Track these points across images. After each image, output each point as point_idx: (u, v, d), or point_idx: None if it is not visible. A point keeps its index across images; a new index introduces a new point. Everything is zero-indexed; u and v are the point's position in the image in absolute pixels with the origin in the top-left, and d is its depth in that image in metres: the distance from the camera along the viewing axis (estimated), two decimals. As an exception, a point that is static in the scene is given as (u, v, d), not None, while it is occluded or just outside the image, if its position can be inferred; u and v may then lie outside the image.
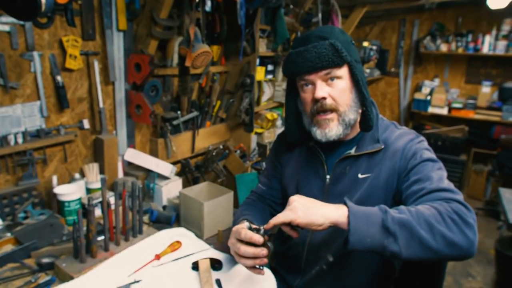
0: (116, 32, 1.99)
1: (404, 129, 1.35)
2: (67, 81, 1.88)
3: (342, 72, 1.22)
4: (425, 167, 1.19)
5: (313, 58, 1.19)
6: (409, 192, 1.18)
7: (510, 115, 4.82)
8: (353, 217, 1.00)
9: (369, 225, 0.99)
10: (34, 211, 1.74)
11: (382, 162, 1.27)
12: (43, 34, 1.74)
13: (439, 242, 0.97)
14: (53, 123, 1.87)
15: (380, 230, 0.98)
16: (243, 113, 2.74)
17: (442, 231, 0.97)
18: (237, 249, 1.14)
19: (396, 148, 1.27)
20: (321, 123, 1.26)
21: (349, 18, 4.24)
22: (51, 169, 1.89)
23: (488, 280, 3.42)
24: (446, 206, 1.03)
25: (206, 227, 1.77)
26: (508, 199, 2.11)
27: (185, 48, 2.12)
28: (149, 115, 2.09)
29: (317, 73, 1.22)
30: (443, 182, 1.13)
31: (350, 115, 1.25)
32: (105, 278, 1.29)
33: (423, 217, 0.99)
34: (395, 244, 0.98)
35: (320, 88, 1.22)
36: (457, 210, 1.01)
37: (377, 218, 1.00)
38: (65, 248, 1.50)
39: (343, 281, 1.38)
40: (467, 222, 1.00)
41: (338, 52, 1.18)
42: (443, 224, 0.98)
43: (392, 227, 0.98)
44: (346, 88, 1.24)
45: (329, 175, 1.36)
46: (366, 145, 1.31)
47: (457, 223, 0.99)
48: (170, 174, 2.15)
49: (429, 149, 1.27)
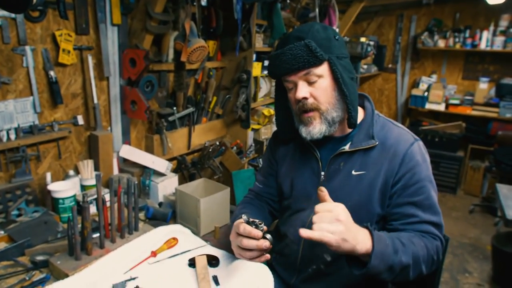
0: (110, 26, 1.96)
1: (402, 127, 1.35)
2: (60, 76, 1.85)
3: (322, 70, 1.22)
4: (423, 190, 1.25)
5: (290, 60, 1.20)
6: (401, 211, 1.25)
7: (507, 111, 4.83)
8: (374, 257, 1.06)
9: (381, 264, 1.07)
10: (28, 209, 1.71)
11: (381, 162, 1.26)
12: (35, 28, 1.71)
13: (415, 276, 1.15)
14: (47, 119, 1.84)
15: (385, 268, 1.09)
16: (240, 109, 2.72)
17: (422, 271, 1.16)
18: (239, 242, 1.16)
19: (396, 151, 1.26)
20: (305, 121, 1.28)
21: (346, 13, 4.22)
22: (45, 166, 1.86)
23: (484, 276, 3.43)
24: (433, 246, 1.19)
25: (203, 224, 1.75)
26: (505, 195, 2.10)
27: (181, 43, 2.09)
28: (144, 111, 2.07)
29: (296, 74, 1.22)
30: (434, 213, 1.24)
31: (333, 113, 1.26)
32: (100, 275, 1.27)
33: (418, 259, 1.14)
34: (389, 277, 1.12)
35: (301, 89, 1.23)
36: (438, 250, 1.20)
37: (389, 259, 1.09)
38: (59, 245, 1.49)
39: (341, 280, 1.37)
40: (438, 259, 1.22)
41: (312, 52, 1.18)
42: (426, 263, 1.17)
43: (395, 268, 1.10)
44: (327, 87, 1.24)
45: (324, 171, 1.35)
46: (360, 141, 1.30)
47: (433, 263, 1.19)
48: (166, 171, 2.13)
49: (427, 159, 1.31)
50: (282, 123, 1.43)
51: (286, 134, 1.44)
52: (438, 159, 5.14)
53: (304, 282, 1.42)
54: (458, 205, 4.92)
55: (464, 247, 3.92)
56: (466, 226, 4.37)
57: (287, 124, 1.41)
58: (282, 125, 1.44)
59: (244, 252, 1.18)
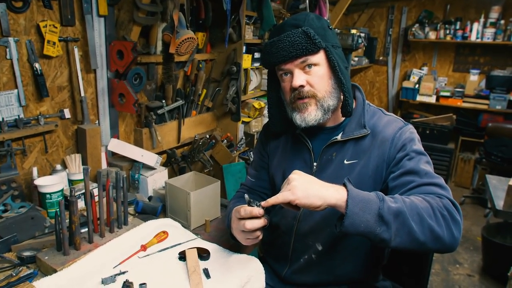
0: (97, 17, 1.92)
1: (392, 115, 1.36)
2: (45, 69, 1.81)
3: (319, 58, 1.22)
4: (415, 159, 1.20)
5: (287, 47, 1.19)
6: (397, 183, 1.19)
7: (497, 103, 4.87)
8: (351, 201, 1.00)
9: (365, 211, 1.00)
10: (14, 204, 1.68)
11: (370, 150, 1.27)
12: (18, 19, 1.66)
13: (426, 235, 1.01)
14: (32, 113, 1.80)
15: (375, 218, 1.00)
16: (230, 101, 2.69)
17: (431, 225, 1.01)
18: (242, 226, 1.16)
19: (385, 136, 1.26)
20: (300, 107, 1.27)
21: (337, 5, 4.21)
22: (31, 161, 1.83)
23: (475, 267, 3.47)
24: (438, 201, 1.06)
25: (193, 217, 1.73)
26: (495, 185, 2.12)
27: (169, 34, 2.06)
28: (132, 104, 2.04)
29: (293, 62, 1.22)
30: (433, 177, 1.16)
31: (329, 101, 1.26)
32: (89, 270, 1.26)
33: (416, 209, 1.02)
34: (387, 232, 1.00)
35: (298, 76, 1.23)
36: (448, 207, 1.05)
37: (374, 205, 1.00)
38: (47, 241, 1.46)
39: (332, 269, 1.38)
40: (455, 220, 1.04)
41: (311, 39, 1.18)
42: (434, 218, 1.02)
43: (387, 216, 0.99)
44: (324, 75, 1.24)
45: (316, 162, 1.35)
46: (352, 130, 1.30)
47: (446, 219, 1.03)
48: (155, 164, 2.10)
49: (417, 139, 1.28)
50: (275, 115, 1.43)
51: (278, 127, 1.44)
52: (429, 151, 5.11)
53: (295, 273, 1.42)
54: (449, 197, 4.95)
55: (455, 238, 3.95)
56: (456, 217, 4.41)
57: (279, 117, 1.40)
58: (274, 117, 1.43)
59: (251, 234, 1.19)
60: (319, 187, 1.05)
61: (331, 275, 1.38)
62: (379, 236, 1.00)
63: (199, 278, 1.22)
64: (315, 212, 1.31)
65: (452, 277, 3.30)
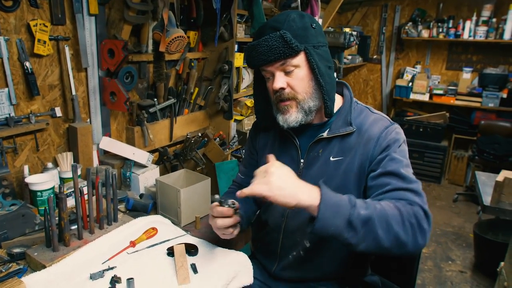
0: (87, 16, 1.93)
1: (379, 114, 1.36)
2: (36, 68, 1.82)
3: (298, 60, 1.23)
4: (396, 161, 1.20)
5: (265, 51, 1.21)
6: (375, 183, 1.21)
7: (490, 101, 4.90)
8: (324, 206, 1.02)
9: (336, 217, 1.02)
10: (5, 202, 1.69)
11: (356, 147, 1.28)
12: (8, 18, 1.67)
13: (392, 242, 1.04)
14: (23, 111, 1.81)
15: (344, 223, 1.02)
16: (222, 100, 2.71)
17: (397, 233, 1.03)
18: (214, 224, 1.25)
19: (370, 135, 1.27)
20: (282, 109, 1.30)
21: (330, 3, 4.22)
22: (22, 159, 1.84)
23: (467, 263, 3.50)
24: (408, 208, 1.07)
25: (184, 214, 1.75)
26: (484, 182, 2.14)
27: (159, 33, 2.07)
28: (124, 102, 2.05)
29: (272, 65, 1.24)
30: (410, 182, 1.16)
31: (310, 102, 1.27)
32: (78, 265, 1.28)
33: (385, 216, 1.04)
34: (354, 238, 1.03)
35: (278, 79, 1.25)
36: (417, 215, 1.07)
37: (345, 211, 1.02)
38: (37, 237, 1.48)
39: (320, 266, 1.40)
40: (422, 228, 1.06)
41: (287, 43, 1.18)
42: (402, 226, 1.04)
43: (356, 222, 1.02)
44: (304, 77, 1.25)
45: (303, 159, 1.37)
46: (338, 127, 1.31)
47: (413, 227, 1.05)
48: (147, 162, 2.12)
49: (403, 140, 1.28)
50: (261, 111, 1.46)
51: (265, 122, 1.47)
52: (423, 149, 5.20)
53: (284, 269, 1.44)
54: (442, 194, 5.00)
55: (448, 236, 3.99)
56: (449, 215, 4.45)
57: (266, 112, 1.42)
58: (260, 113, 1.47)
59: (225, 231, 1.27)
60: (295, 187, 1.05)
61: (319, 271, 1.40)
62: (347, 241, 1.03)
63: (186, 273, 1.23)
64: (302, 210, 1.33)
65: (445, 274, 3.33)
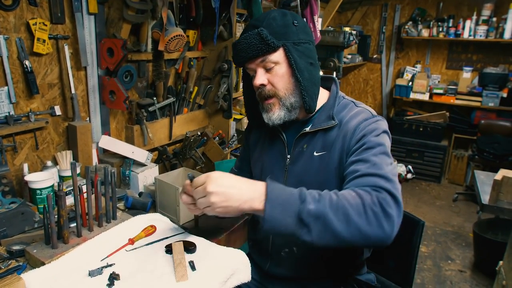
0: (87, 15, 1.94)
1: (362, 107, 1.34)
2: (36, 66, 1.83)
3: (277, 57, 1.25)
4: (369, 150, 1.17)
5: (245, 48, 1.24)
6: (347, 171, 1.17)
7: (490, 100, 4.90)
8: (270, 205, 0.99)
9: (285, 215, 0.98)
10: (5, 200, 1.70)
11: (335, 141, 1.28)
12: (8, 17, 1.68)
13: (353, 234, 0.97)
14: (23, 110, 1.82)
15: (294, 221, 0.98)
16: (221, 99, 2.72)
17: (358, 224, 0.97)
18: (181, 198, 1.26)
19: (349, 127, 1.27)
20: (266, 108, 1.32)
21: (330, 2, 4.23)
22: (22, 157, 1.85)
23: (466, 263, 3.50)
24: (372, 196, 1.01)
25: (182, 213, 1.76)
26: (482, 181, 2.15)
27: (158, 31, 2.08)
28: (123, 101, 2.06)
29: (253, 62, 1.26)
30: (380, 168, 1.10)
31: (291, 98, 1.29)
32: (77, 262, 1.28)
33: (342, 208, 0.98)
34: (308, 235, 0.98)
35: (259, 76, 1.27)
36: (382, 201, 0.99)
37: (294, 208, 0.98)
38: (36, 235, 1.49)
39: (312, 263, 1.40)
40: (388, 215, 0.98)
41: (264, 40, 1.21)
42: (363, 216, 0.97)
43: (306, 219, 0.97)
44: (284, 73, 1.27)
45: (290, 154, 1.39)
46: (321, 122, 1.33)
47: (377, 216, 0.98)
48: (146, 161, 2.12)
49: (383, 131, 1.24)
50: (250, 108, 1.48)
51: (255, 120, 1.48)
52: (423, 148, 5.21)
53: (277, 267, 1.46)
54: (442, 194, 5.00)
55: (447, 235, 3.99)
56: (449, 215, 4.45)
57: (255, 110, 1.44)
58: (250, 111, 1.50)
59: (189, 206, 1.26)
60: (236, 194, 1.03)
61: (310, 268, 1.41)
62: (301, 238, 0.99)
63: (184, 270, 1.24)
64: None
65: (444, 273, 3.34)
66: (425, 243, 3.80)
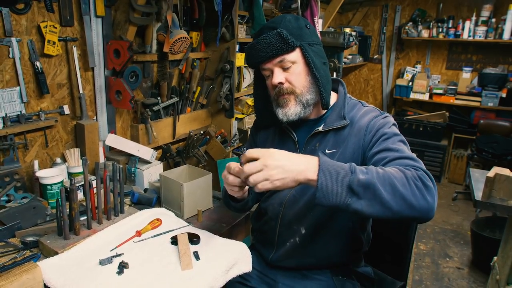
0: (94, 18, 2.02)
1: (370, 107, 1.45)
2: (46, 67, 1.90)
3: (295, 57, 1.33)
4: (389, 140, 1.27)
5: (264, 48, 1.30)
6: (373, 161, 1.25)
7: (489, 100, 4.94)
8: (322, 175, 1.04)
9: (336, 184, 1.03)
10: (17, 195, 1.77)
11: (348, 138, 1.36)
12: (20, 20, 1.76)
13: (399, 204, 1.03)
14: (33, 109, 1.90)
15: (345, 190, 1.03)
16: (223, 99, 2.79)
17: (404, 194, 1.03)
18: (226, 179, 1.22)
19: (361, 125, 1.36)
20: (281, 103, 1.37)
21: (331, 3, 4.29)
22: (32, 154, 1.92)
23: (464, 260, 3.55)
24: (413, 171, 1.09)
25: (186, 207, 1.83)
26: (477, 178, 2.20)
27: (163, 34, 2.15)
28: (129, 101, 2.13)
29: (271, 61, 1.33)
30: (404, 152, 1.21)
31: (307, 95, 1.36)
32: (88, 252, 1.36)
33: (388, 179, 1.05)
34: (358, 203, 1.03)
35: (277, 75, 1.34)
36: (422, 177, 1.08)
37: (345, 177, 1.04)
38: (48, 227, 1.56)
39: (314, 252, 1.47)
40: (428, 188, 1.06)
41: (284, 39, 1.28)
42: (408, 187, 1.04)
43: (356, 188, 1.03)
44: (301, 72, 1.34)
45: (301, 152, 1.44)
46: (333, 121, 1.40)
47: (420, 189, 1.05)
48: (151, 159, 2.20)
49: (393, 123, 1.35)
50: (261, 110, 1.54)
51: (265, 121, 1.55)
52: (423, 148, 5.25)
53: (281, 257, 1.51)
54: (442, 193, 5.03)
55: (446, 233, 4.03)
56: (448, 213, 4.49)
57: (265, 111, 1.51)
58: (260, 112, 1.56)
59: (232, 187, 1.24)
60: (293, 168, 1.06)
61: (313, 258, 1.47)
62: (351, 207, 1.03)
63: (189, 260, 1.31)
64: (300, 199, 1.41)
65: (442, 270, 3.38)
66: (423, 241, 3.85)
